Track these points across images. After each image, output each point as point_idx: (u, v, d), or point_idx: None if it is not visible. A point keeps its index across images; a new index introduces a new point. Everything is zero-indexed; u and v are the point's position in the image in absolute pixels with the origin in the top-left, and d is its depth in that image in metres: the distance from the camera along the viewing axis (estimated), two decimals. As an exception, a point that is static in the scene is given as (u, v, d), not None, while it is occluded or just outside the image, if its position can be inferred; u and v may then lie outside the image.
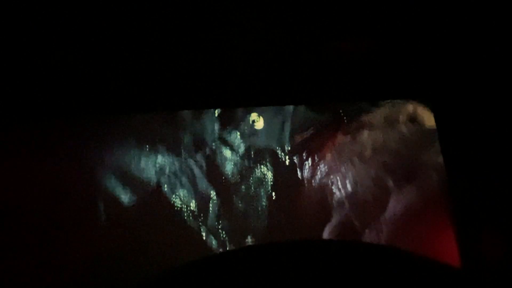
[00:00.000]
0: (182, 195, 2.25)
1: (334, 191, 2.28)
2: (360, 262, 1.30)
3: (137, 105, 2.24)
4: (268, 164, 2.32)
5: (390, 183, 2.26)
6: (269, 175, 2.30)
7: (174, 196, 2.25)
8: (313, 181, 2.29)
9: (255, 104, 2.31)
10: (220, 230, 2.20)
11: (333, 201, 2.26)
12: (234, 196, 2.26)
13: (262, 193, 2.27)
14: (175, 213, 2.22)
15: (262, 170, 2.31)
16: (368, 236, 2.19)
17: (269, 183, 2.28)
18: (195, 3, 1.79)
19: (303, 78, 2.23)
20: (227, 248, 2.17)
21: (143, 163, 2.28)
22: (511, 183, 2.10)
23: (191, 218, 2.22)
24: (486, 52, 2.13)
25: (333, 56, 2.14)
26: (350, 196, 2.26)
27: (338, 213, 2.23)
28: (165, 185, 2.26)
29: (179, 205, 2.23)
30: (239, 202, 2.25)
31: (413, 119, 2.39)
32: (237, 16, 1.87)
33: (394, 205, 2.22)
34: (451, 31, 2.05)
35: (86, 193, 2.21)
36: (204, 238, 2.19)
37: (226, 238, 2.19)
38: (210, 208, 2.24)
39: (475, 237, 2.11)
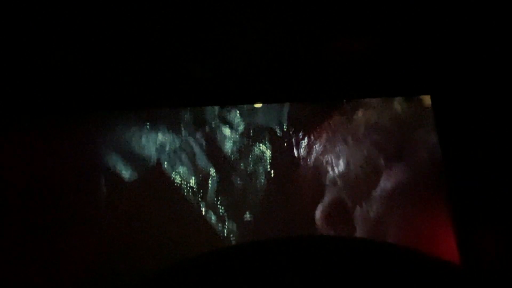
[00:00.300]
0: (182, 172, 2.31)
1: (328, 169, 2.33)
2: (358, 258, 1.33)
3: (135, 102, 2.27)
4: (266, 142, 2.37)
5: (381, 161, 2.32)
6: (268, 153, 2.35)
7: (174, 173, 2.30)
8: (308, 159, 2.35)
9: (255, 102, 2.34)
10: (219, 206, 2.26)
11: (327, 179, 2.32)
12: (233, 173, 2.32)
13: (260, 171, 2.33)
14: (175, 189, 2.27)
15: (261, 148, 2.36)
16: (359, 213, 2.26)
17: (268, 160, 2.34)
18: (196, 1, 1.80)
19: (304, 76, 2.25)
20: (226, 223, 2.24)
21: (143, 141, 2.32)
22: (510, 178, 2.14)
23: (190, 194, 2.27)
24: (486, 48, 2.13)
25: (333, 54, 2.15)
26: (342, 175, 2.32)
27: (331, 191, 2.29)
28: (165, 162, 2.31)
29: (178, 182, 2.29)
30: (238, 179, 2.31)
31: (408, 97, 2.43)
32: (238, 16, 1.88)
33: (385, 183, 2.28)
34: (450, 27, 2.06)
35: (89, 170, 2.25)
36: (203, 213, 2.25)
37: (225, 213, 2.26)
38: (210, 185, 2.29)
39: (473, 231, 2.15)
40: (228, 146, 2.35)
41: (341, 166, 2.31)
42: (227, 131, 2.36)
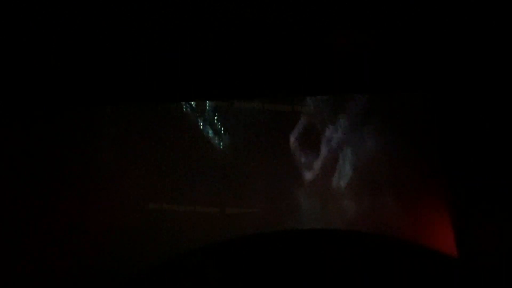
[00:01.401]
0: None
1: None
2: (357, 251, 1.38)
3: (132, 96, 2.41)
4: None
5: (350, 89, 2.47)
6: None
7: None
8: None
9: (255, 97, 2.47)
10: (216, 122, 2.40)
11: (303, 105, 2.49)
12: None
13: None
14: (174, 106, 2.42)
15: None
16: (325, 146, 2.42)
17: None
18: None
19: (307, 72, 2.36)
20: (222, 137, 2.38)
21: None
22: (509, 176, 2.22)
23: (189, 110, 2.41)
24: (487, 47, 2.22)
25: (339, 52, 2.26)
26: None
27: (305, 119, 2.43)
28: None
29: (178, 99, 2.44)
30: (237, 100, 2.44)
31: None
32: (246, 13, 1.99)
33: (351, 110, 2.43)
34: (452, 28, 2.15)
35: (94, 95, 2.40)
36: (201, 127, 2.39)
37: (221, 128, 2.40)
38: (207, 103, 2.42)
39: (471, 224, 2.22)
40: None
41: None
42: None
